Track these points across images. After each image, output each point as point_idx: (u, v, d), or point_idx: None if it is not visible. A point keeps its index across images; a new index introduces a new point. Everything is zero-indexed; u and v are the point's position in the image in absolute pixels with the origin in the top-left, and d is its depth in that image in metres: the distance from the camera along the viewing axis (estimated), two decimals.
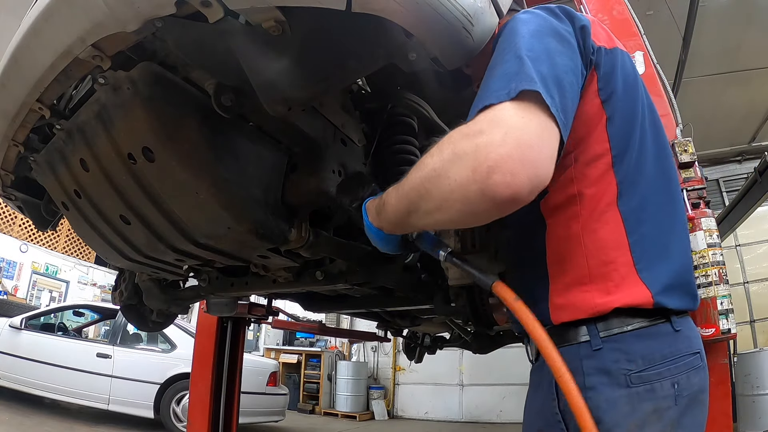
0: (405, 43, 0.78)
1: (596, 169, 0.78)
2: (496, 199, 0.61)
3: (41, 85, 0.96)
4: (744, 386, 4.63)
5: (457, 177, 0.63)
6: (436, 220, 0.71)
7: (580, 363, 0.74)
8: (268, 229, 1.09)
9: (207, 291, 1.72)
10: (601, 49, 0.80)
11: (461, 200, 0.64)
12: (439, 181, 0.66)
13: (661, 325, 0.75)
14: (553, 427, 0.75)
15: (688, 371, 0.75)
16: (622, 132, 0.80)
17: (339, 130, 1.18)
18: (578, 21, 0.80)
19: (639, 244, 0.77)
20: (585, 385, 0.72)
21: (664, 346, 0.74)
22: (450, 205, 0.66)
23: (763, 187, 4.52)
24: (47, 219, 1.61)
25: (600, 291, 0.75)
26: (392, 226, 0.84)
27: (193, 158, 0.99)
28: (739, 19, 4.96)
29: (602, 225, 0.77)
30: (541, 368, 0.81)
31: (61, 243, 9.32)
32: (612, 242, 0.77)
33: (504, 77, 0.68)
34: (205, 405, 3.16)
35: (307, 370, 9.14)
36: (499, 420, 7.95)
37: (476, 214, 0.66)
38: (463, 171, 0.62)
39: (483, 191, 0.61)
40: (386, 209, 0.82)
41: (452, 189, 0.64)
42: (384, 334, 3.96)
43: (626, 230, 0.77)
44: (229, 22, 0.77)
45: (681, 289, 0.79)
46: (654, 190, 0.82)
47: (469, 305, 1.29)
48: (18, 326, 5.27)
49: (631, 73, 0.85)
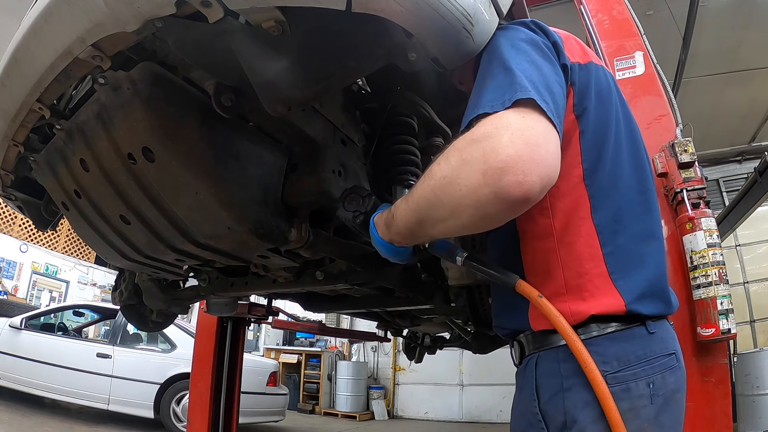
0: (405, 43, 0.78)
1: (567, 183, 0.80)
2: (509, 199, 0.61)
3: (41, 85, 0.96)
4: (744, 386, 4.63)
5: (468, 182, 0.64)
6: (449, 228, 0.72)
7: (558, 366, 0.76)
8: (268, 229, 1.09)
9: (207, 291, 1.72)
10: (575, 66, 0.82)
11: (473, 205, 0.64)
12: (449, 188, 0.66)
13: (635, 328, 0.77)
14: (533, 426, 0.77)
15: (663, 371, 0.77)
16: (594, 146, 0.81)
17: (339, 130, 1.18)
18: (551, 36, 0.82)
19: (613, 255, 0.79)
20: (563, 387, 0.75)
21: (638, 348, 0.76)
22: (462, 211, 0.66)
23: (763, 187, 4.52)
24: (47, 219, 1.61)
25: (576, 300, 0.77)
26: (403, 238, 0.84)
27: (193, 158, 0.99)
28: (739, 19, 4.96)
29: (576, 238, 0.79)
30: (524, 371, 0.83)
31: (61, 243, 9.32)
32: (586, 254, 0.79)
33: (497, 89, 0.70)
34: (205, 405, 3.16)
35: (307, 370, 9.14)
36: (499, 420, 7.95)
37: (489, 217, 0.66)
38: (474, 175, 0.63)
39: (496, 193, 0.61)
40: (396, 222, 0.82)
41: (464, 194, 0.64)
42: (384, 334, 3.97)
43: (600, 242, 0.79)
44: (229, 22, 0.77)
45: (655, 296, 0.81)
46: (629, 202, 0.83)
47: (469, 305, 1.30)
48: (18, 326, 5.28)
49: (605, 86, 0.86)
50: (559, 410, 0.74)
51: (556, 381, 0.76)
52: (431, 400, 8.65)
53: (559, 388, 0.75)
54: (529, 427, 0.78)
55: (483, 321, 1.31)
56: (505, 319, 0.91)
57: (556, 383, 0.76)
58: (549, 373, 0.77)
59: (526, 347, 0.84)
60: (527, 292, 0.77)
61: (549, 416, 0.75)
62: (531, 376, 0.80)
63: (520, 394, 0.84)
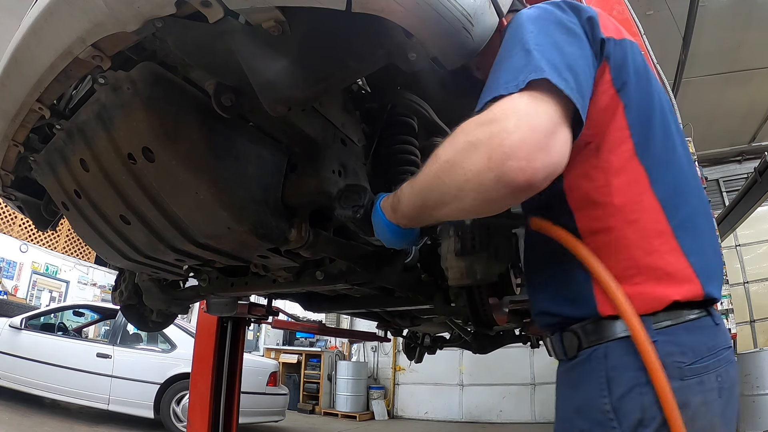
0: (405, 43, 0.78)
1: (619, 158, 0.77)
2: (512, 185, 0.61)
3: (41, 85, 0.96)
4: (744, 386, 4.64)
5: (473, 166, 0.63)
6: (452, 211, 0.71)
7: (634, 357, 0.71)
8: (268, 229, 1.09)
9: (207, 291, 1.72)
10: (610, 40, 0.79)
11: (476, 189, 0.63)
12: (453, 171, 0.66)
13: (704, 318, 0.75)
14: (602, 425, 0.72)
15: (726, 365, 0.74)
16: (641, 120, 0.79)
17: (339, 130, 1.18)
18: (584, 13, 0.79)
19: (681, 228, 0.76)
20: (641, 381, 0.70)
21: (708, 339, 0.74)
22: (465, 195, 0.65)
23: (763, 187, 4.52)
24: (47, 219, 1.61)
25: (650, 282, 0.73)
26: (409, 220, 0.84)
27: (193, 158, 0.99)
28: (739, 19, 4.97)
29: (641, 215, 0.76)
30: (584, 364, 0.77)
31: (61, 243, 9.32)
32: (654, 231, 0.75)
33: (512, 70, 0.68)
34: (205, 405, 3.16)
35: (307, 370, 9.14)
36: (499, 420, 7.95)
37: (492, 202, 0.65)
38: (478, 159, 0.62)
39: (499, 178, 0.61)
40: (402, 205, 0.83)
41: (467, 178, 0.64)
42: (384, 334, 3.97)
43: (666, 216, 0.76)
44: (229, 22, 0.77)
45: (717, 276, 0.79)
46: (685, 174, 0.81)
47: (469, 305, 1.29)
48: (18, 326, 5.27)
49: (641, 65, 0.84)
50: (636, 406, 0.69)
51: (632, 374, 0.70)
52: (431, 400, 8.64)
53: (636, 382, 0.70)
54: (596, 425, 0.72)
55: (483, 321, 1.31)
56: (560, 307, 0.83)
57: (632, 377, 0.70)
58: (623, 366, 0.72)
59: (583, 338, 0.78)
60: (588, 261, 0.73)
61: (623, 412, 0.70)
62: (599, 369, 0.74)
63: (574, 389, 0.79)
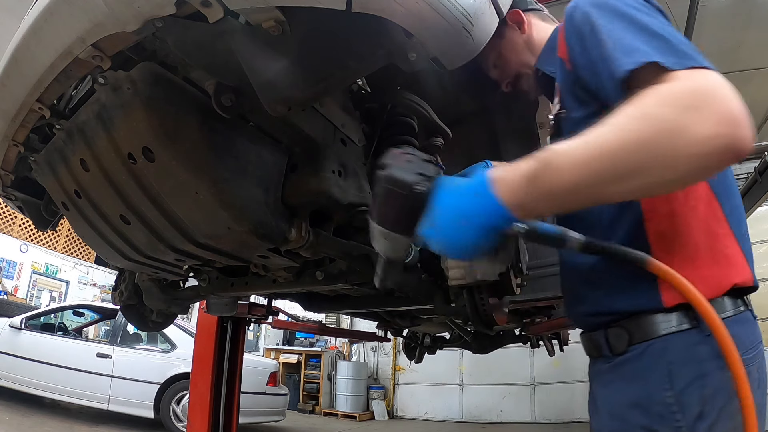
0: (405, 43, 0.78)
1: None
2: (738, 152, 0.58)
3: (41, 85, 0.96)
4: None
5: (700, 129, 0.57)
6: (646, 184, 0.61)
7: (694, 349, 0.71)
8: (268, 229, 1.09)
9: (207, 291, 1.72)
10: None
11: (699, 153, 0.58)
12: (671, 135, 0.58)
13: (746, 311, 0.76)
14: (665, 419, 0.71)
15: (762, 360, 0.75)
16: None
17: (339, 130, 1.18)
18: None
19: (732, 215, 0.78)
20: (700, 373, 0.70)
21: (750, 333, 0.75)
22: (682, 162, 0.58)
23: (763, 187, 4.53)
24: (47, 219, 1.61)
25: (713, 265, 0.75)
26: (552, 200, 0.65)
27: (193, 158, 0.99)
28: (739, 19, 4.96)
29: (698, 201, 0.77)
30: (640, 359, 0.76)
31: (61, 243, 9.32)
32: (711, 215, 0.77)
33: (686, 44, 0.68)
34: (205, 405, 3.17)
35: (307, 370, 9.15)
36: (499, 420, 7.96)
37: (708, 170, 0.61)
38: (707, 123, 0.57)
39: (727, 145, 0.57)
40: (553, 177, 0.63)
41: (691, 143, 0.57)
42: (384, 334, 3.96)
43: (719, 202, 0.78)
44: (229, 22, 0.77)
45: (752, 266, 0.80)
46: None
47: (469, 305, 1.29)
48: (18, 326, 5.28)
49: None
50: (696, 399, 0.69)
51: (692, 367, 0.70)
52: (431, 400, 8.65)
53: (696, 374, 0.70)
54: (658, 419, 0.72)
55: (483, 321, 1.30)
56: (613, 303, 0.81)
57: (693, 369, 0.70)
58: (684, 359, 0.72)
59: (636, 332, 0.77)
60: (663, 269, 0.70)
61: (685, 405, 0.70)
62: (658, 363, 0.73)
63: (628, 384, 0.77)
